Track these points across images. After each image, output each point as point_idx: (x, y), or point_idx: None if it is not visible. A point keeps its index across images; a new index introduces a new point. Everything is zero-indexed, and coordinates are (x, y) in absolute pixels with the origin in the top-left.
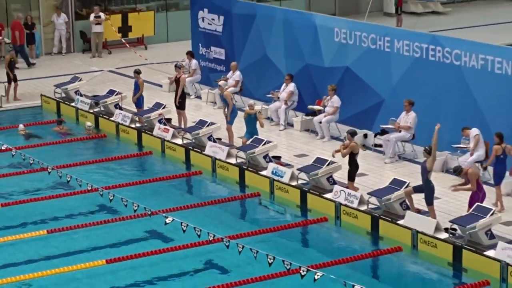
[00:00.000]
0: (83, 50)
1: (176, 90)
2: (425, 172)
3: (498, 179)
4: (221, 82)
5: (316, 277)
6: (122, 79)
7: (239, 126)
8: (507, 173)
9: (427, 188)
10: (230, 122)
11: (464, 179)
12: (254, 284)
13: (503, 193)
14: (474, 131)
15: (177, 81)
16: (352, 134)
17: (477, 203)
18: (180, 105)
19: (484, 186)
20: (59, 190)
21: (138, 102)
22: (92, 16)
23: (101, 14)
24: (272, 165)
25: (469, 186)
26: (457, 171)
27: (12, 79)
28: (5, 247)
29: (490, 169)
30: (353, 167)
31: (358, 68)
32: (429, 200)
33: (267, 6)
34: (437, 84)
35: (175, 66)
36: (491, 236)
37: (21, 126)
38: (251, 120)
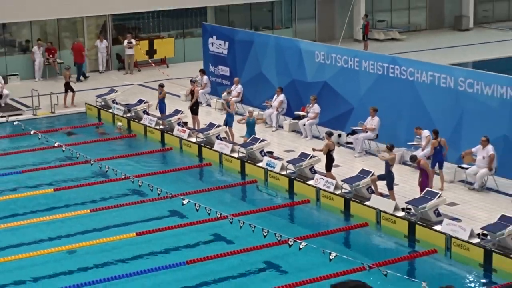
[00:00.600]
0: (118, 68)
1: (191, 99)
2: (387, 164)
3: (440, 165)
4: (223, 95)
5: (301, 246)
6: (149, 91)
7: (240, 128)
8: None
9: (388, 177)
10: (230, 124)
11: (417, 167)
12: (252, 251)
13: (447, 180)
14: (426, 132)
15: (192, 92)
16: (329, 134)
17: (427, 188)
18: (194, 111)
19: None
20: (99, 178)
21: (161, 108)
22: (125, 42)
23: (133, 40)
24: (266, 158)
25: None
26: (412, 159)
27: (70, 89)
28: (57, 223)
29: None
30: (329, 160)
31: (334, 83)
32: (390, 186)
33: (262, 34)
34: (395, 95)
35: (191, 81)
36: (438, 214)
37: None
38: (250, 124)
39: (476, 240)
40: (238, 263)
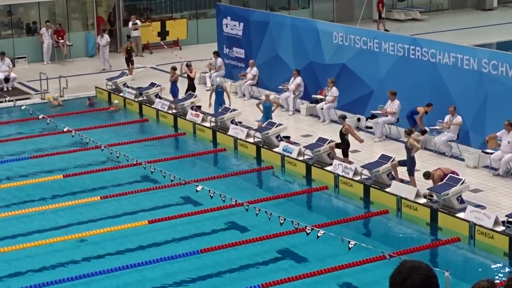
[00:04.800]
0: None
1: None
2: (409, 150)
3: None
4: (217, 80)
5: (319, 234)
6: (162, 74)
7: (256, 112)
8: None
9: (409, 162)
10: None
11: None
12: (268, 240)
13: (470, 166)
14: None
15: (188, 77)
16: (343, 117)
17: (449, 174)
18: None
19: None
20: (111, 164)
21: (174, 92)
22: (130, 23)
23: (138, 21)
24: (283, 144)
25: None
26: (426, 175)
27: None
28: (67, 210)
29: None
30: (345, 145)
31: (352, 65)
32: (411, 172)
33: (278, 14)
34: (416, 77)
35: (186, 65)
36: (461, 201)
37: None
38: (267, 108)
39: (501, 228)
40: (254, 251)
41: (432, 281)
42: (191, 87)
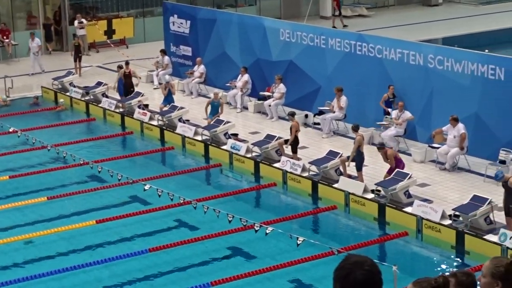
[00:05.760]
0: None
1: (125, 81)
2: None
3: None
4: (166, 78)
5: (267, 231)
6: (108, 73)
7: (202, 110)
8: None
9: (358, 157)
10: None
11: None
12: (217, 238)
13: (417, 160)
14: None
15: (126, 75)
16: (292, 114)
17: (397, 169)
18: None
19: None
20: (57, 164)
21: (120, 90)
22: (76, 22)
23: (83, 20)
24: (231, 141)
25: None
26: (380, 148)
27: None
28: (12, 211)
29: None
30: (294, 142)
31: (299, 61)
32: (359, 167)
33: (225, 12)
34: (363, 73)
35: (118, 66)
36: (409, 195)
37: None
38: (215, 106)
39: (447, 222)
40: (203, 249)
41: (375, 276)
42: (131, 86)
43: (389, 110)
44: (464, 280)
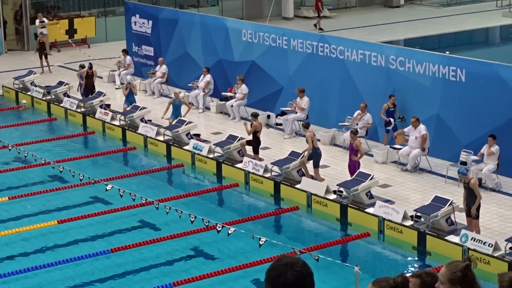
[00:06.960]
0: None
1: (87, 82)
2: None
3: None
4: (127, 78)
5: (229, 231)
6: (70, 72)
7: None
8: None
9: (315, 154)
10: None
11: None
12: (179, 238)
13: (379, 161)
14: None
15: (86, 76)
16: (255, 115)
17: (359, 170)
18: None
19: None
20: (18, 164)
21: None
22: (37, 21)
23: (45, 19)
24: (193, 141)
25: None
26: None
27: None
28: None
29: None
30: (256, 142)
31: (261, 62)
32: (316, 164)
33: (187, 12)
34: (325, 74)
35: (80, 65)
36: (371, 196)
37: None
38: (176, 106)
39: (409, 223)
40: (165, 250)
41: (306, 278)
42: (92, 86)
43: (391, 120)
44: (429, 281)
